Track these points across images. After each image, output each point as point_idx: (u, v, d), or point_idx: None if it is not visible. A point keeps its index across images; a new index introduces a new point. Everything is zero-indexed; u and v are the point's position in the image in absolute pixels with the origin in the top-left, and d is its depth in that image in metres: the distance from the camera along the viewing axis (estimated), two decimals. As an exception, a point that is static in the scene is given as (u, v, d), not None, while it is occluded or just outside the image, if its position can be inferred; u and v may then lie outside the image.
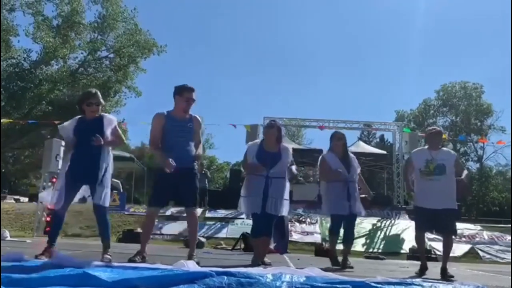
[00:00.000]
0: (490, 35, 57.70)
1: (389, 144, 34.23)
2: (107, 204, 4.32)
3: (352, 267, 5.27)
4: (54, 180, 10.30)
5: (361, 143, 23.36)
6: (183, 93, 4.53)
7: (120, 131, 4.61)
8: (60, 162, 10.09)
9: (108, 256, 4.19)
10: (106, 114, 4.60)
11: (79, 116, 4.54)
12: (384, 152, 21.28)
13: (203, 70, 63.10)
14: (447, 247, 5.11)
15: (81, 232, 10.85)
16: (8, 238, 8.07)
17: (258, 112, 64.21)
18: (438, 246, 10.12)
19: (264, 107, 58.04)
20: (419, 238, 5.27)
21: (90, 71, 25.90)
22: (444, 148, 5.25)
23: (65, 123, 4.58)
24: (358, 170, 5.64)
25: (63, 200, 4.23)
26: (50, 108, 23.90)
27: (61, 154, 10.83)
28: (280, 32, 63.12)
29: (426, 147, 5.23)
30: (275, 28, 63.89)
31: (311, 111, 63.97)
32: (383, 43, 63.28)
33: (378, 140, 42.44)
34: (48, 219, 10.19)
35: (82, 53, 25.47)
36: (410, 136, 16.01)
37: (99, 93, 4.54)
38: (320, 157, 5.76)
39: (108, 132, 4.39)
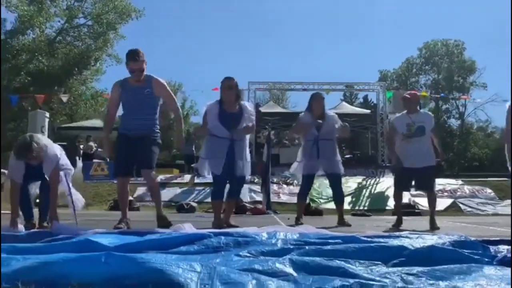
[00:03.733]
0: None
1: (372, 104, 34.45)
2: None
3: (349, 225, 5.35)
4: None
5: (345, 104, 23.50)
6: (127, 63, 4.26)
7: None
8: (46, 133, 10.03)
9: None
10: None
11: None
12: (368, 111, 21.48)
13: (184, 35, 61.84)
14: (431, 201, 5.44)
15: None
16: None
17: (242, 77, 63.63)
18: (421, 201, 10.49)
19: (247, 71, 57.55)
20: (397, 194, 5.55)
21: (68, 40, 25.27)
22: (422, 111, 5.54)
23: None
24: (337, 127, 5.56)
25: None
26: (29, 78, 23.37)
27: (46, 125, 10.73)
28: (261, -7, 61.77)
29: (405, 111, 5.39)
30: (256, -10, 62.41)
31: (295, 74, 63.62)
32: (363, 1, 62.50)
33: (361, 100, 42.63)
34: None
35: (59, 21, 24.79)
36: (395, 94, 16.16)
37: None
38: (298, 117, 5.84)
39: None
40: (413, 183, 5.40)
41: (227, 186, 4.84)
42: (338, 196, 5.74)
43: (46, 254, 2.07)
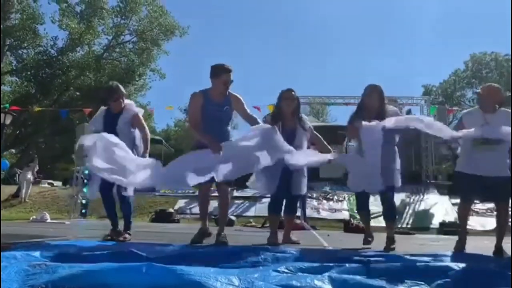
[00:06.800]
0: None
1: (416, 118, 33.51)
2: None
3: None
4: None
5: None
6: (221, 75, 4.18)
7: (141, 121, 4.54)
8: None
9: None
10: (128, 105, 4.55)
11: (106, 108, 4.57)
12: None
13: (225, 50, 62.87)
14: (502, 217, 4.12)
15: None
16: (48, 220, 8.43)
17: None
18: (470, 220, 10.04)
19: (287, 85, 57.44)
20: (465, 209, 4.28)
21: (114, 56, 26.27)
22: (503, 109, 4.14)
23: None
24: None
25: None
26: (77, 93, 24.44)
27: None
28: (301, 8, 62.07)
29: (478, 107, 4.25)
30: (297, 5, 62.82)
31: (335, 88, 63.03)
32: (407, 13, 61.42)
33: (405, 115, 41.60)
34: (83, 201, 10.57)
35: (106, 38, 25.86)
36: (438, 109, 15.70)
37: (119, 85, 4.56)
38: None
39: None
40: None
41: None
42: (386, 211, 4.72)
43: (90, 263, 2.14)
